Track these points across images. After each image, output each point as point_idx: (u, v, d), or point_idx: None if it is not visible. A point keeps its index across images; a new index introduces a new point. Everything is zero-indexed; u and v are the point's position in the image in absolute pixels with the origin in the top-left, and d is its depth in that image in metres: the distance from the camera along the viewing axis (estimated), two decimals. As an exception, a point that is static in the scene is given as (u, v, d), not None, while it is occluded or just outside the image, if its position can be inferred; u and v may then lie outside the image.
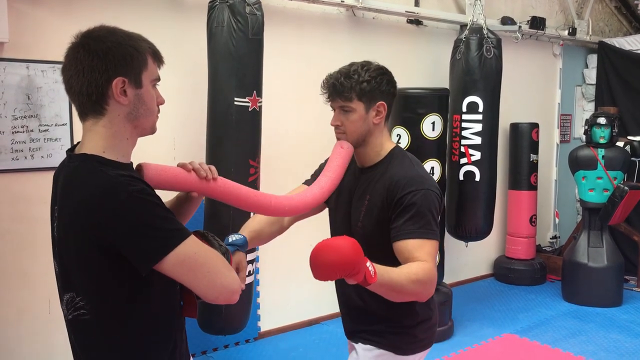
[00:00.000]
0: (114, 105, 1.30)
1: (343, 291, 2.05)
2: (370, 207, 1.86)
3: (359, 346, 1.98)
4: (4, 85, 3.03)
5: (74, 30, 1.33)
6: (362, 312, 1.96)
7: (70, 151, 1.37)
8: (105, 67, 1.27)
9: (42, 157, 3.15)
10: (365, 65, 1.86)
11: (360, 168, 1.96)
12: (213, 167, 1.49)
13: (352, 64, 1.87)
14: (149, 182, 1.36)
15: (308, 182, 2.07)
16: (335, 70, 1.89)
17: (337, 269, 1.48)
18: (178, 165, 1.46)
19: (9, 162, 3.07)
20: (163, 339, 1.37)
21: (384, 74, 1.87)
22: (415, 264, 1.70)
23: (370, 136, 1.88)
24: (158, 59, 1.37)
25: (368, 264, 1.54)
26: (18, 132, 3.09)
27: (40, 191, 3.06)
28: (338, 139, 1.91)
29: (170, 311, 1.39)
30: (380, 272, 1.58)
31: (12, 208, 3.13)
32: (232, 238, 1.80)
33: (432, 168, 3.98)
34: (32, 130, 3.13)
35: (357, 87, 1.82)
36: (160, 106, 1.40)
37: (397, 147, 1.94)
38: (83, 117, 1.33)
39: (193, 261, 1.27)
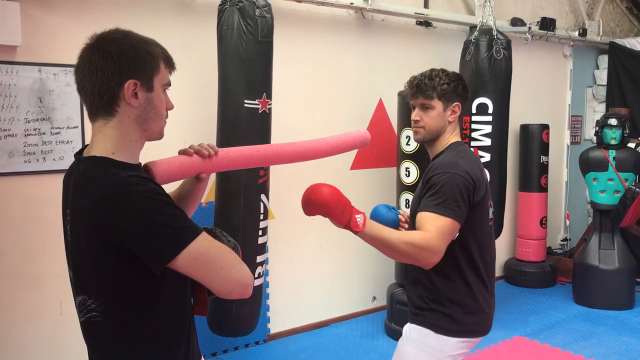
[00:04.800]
0: (125, 107, 1.32)
1: (406, 273, 2.23)
2: (418, 190, 2.12)
3: (406, 326, 2.15)
4: (17, 88, 3.06)
5: (86, 34, 1.35)
6: (412, 289, 2.14)
7: (79, 154, 1.39)
8: (119, 69, 1.29)
9: (53, 159, 3.18)
10: (444, 70, 2.15)
11: (429, 160, 2.20)
12: (211, 143, 1.55)
13: (432, 69, 2.14)
14: (159, 178, 1.39)
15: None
16: (418, 73, 2.16)
17: (313, 206, 1.75)
18: (179, 153, 1.50)
19: (21, 165, 3.10)
20: (176, 338, 1.38)
21: (460, 79, 2.15)
22: (417, 232, 1.92)
23: (443, 132, 2.13)
24: (170, 65, 1.40)
25: (359, 215, 1.79)
26: (30, 134, 3.12)
27: (52, 193, 3.08)
28: (415, 132, 2.17)
29: (182, 310, 1.40)
30: (373, 227, 1.82)
31: (24, 210, 3.15)
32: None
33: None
34: (44, 133, 3.16)
35: (439, 88, 2.09)
36: (169, 111, 1.42)
37: (456, 142, 2.16)
38: (93, 117, 1.35)
39: (206, 257, 1.28)
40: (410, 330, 2.12)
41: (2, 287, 3.13)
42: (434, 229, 1.88)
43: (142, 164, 1.42)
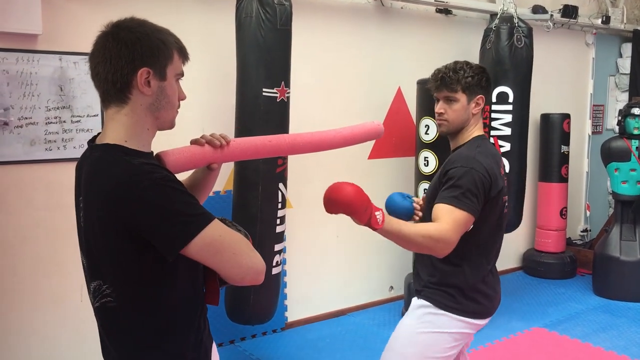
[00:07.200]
0: (137, 95, 1.33)
1: (416, 257, 2.34)
2: (435, 180, 2.17)
3: (413, 300, 2.23)
4: (38, 77, 3.09)
5: (106, 22, 1.35)
6: (422, 268, 2.22)
7: (92, 142, 1.40)
8: (132, 56, 1.30)
9: (74, 147, 3.21)
10: (468, 63, 2.17)
11: (449, 151, 2.25)
12: (223, 133, 1.55)
13: (456, 62, 2.17)
14: (171, 168, 1.40)
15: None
16: (442, 66, 2.18)
17: (336, 205, 1.77)
18: (191, 143, 1.50)
19: (42, 153, 3.14)
20: (188, 323, 1.40)
21: (484, 72, 2.18)
22: (432, 224, 1.97)
23: (467, 125, 2.17)
24: (183, 55, 1.40)
25: (378, 213, 1.82)
26: (51, 123, 3.15)
27: (72, 181, 3.09)
28: (439, 125, 2.21)
29: (194, 296, 1.41)
30: (391, 223, 1.86)
31: (46, 197, 3.19)
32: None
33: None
34: (64, 121, 3.19)
35: (463, 81, 2.12)
36: (181, 101, 1.42)
37: (478, 136, 2.19)
38: (106, 104, 1.36)
39: (219, 244, 1.29)
40: (413, 304, 2.21)
41: (25, 273, 3.18)
42: (450, 221, 1.95)
43: (154, 154, 1.42)
